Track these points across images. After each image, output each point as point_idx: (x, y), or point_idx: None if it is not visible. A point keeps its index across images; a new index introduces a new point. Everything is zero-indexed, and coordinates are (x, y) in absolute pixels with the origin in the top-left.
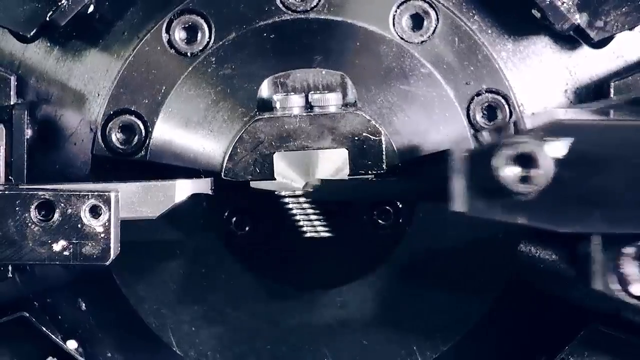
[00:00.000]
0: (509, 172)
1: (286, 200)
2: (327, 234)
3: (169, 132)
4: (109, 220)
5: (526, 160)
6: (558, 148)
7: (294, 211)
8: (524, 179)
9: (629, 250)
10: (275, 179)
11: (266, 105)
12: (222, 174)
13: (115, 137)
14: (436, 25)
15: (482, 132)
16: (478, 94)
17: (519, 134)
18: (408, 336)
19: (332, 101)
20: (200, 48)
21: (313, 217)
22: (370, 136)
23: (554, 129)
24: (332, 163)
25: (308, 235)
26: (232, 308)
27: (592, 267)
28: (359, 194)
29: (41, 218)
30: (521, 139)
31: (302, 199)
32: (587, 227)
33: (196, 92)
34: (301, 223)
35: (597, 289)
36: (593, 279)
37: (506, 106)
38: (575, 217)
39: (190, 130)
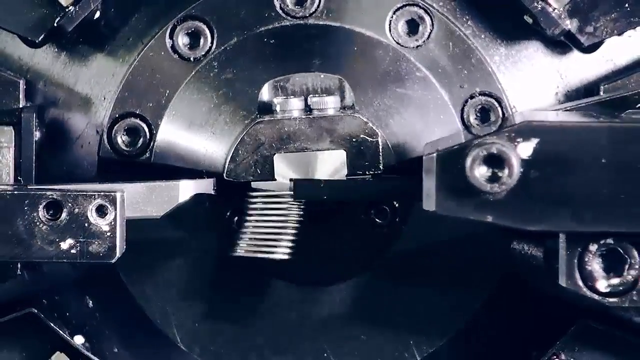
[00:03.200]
0: (478, 172)
1: (286, 200)
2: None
3: (173, 134)
4: (114, 219)
5: (495, 161)
6: (525, 149)
7: (293, 210)
8: (493, 179)
9: (594, 247)
10: (275, 180)
11: (267, 108)
12: (224, 174)
13: (121, 139)
14: (431, 31)
15: None
16: (472, 97)
17: None
18: (405, 331)
19: (330, 104)
20: (203, 53)
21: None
22: (368, 138)
23: (522, 130)
24: (331, 164)
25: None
26: (234, 304)
27: (559, 264)
28: (356, 194)
29: (49, 217)
30: (490, 139)
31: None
32: (554, 226)
33: (199, 96)
34: (300, 222)
35: (563, 286)
36: (559, 276)
37: (499, 108)
38: (542, 216)
39: (194, 132)
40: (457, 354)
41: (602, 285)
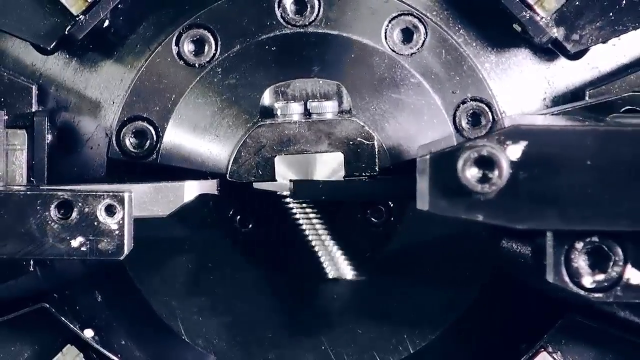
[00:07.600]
0: (469, 173)
1: (286, 199)
2: (349, 277)
3: (179, 137)
4: (123, 218)
5: (485, 162)
6: (514, 151)
7: (293, 210)
8: (483, 180)
9: (580, 245)
10: (276, 180)
11: (268, 112)
12: (227, 175)
13: (129, 141)
14: (425, 39)
15: None
16: (463, 102)
17: None
18: (399, 325)
19: (329, 108)
20: (207, 59)
21: (311, 215)
22: (364, 141)
23: (512, 133)
24: (329, 166)
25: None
26: (236, 299)
27: (546, 261)
28: (353, 194)
29: (60, 216)
30: (481, 142)
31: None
32: (541, 224)
33: (203, 100)
34: (300, 221)
35: (550, 281)
36: (547, 272)
37: (489, 113)
38: (530, 215)
39: (198, 135)
40: (449, 347)
41: (587, 281)
